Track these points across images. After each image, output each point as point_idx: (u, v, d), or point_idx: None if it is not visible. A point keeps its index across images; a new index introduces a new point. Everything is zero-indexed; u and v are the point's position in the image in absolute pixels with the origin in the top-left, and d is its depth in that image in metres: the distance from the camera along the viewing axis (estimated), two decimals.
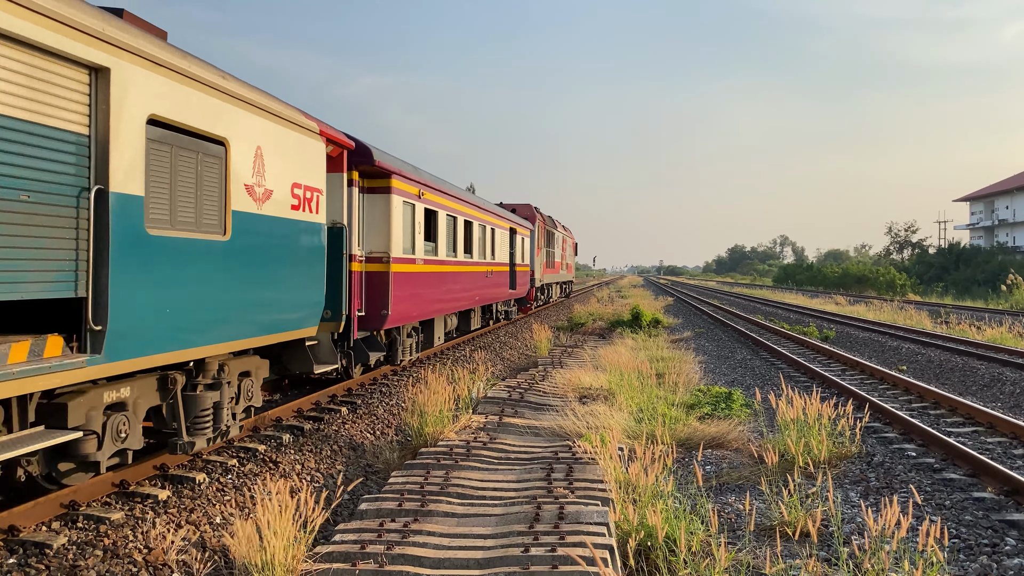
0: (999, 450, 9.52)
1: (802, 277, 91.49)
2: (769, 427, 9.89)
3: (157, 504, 6.59)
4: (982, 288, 54.26)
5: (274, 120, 8.09)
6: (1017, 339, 22.01)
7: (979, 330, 24.88)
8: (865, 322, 29.21)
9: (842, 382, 14.09)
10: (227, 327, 7.24)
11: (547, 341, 19.56)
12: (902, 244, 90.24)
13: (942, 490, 7.73)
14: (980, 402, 13.24)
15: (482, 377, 11.87)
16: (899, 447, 9.48)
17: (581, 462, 7.22)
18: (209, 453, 8.13)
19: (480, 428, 9.05)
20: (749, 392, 13.10)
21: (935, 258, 76.51)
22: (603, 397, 10.96)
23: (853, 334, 25.10)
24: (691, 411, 10.87)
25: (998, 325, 25.22)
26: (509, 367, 17.32)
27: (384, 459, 8.71)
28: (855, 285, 69.04)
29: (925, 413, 11.89)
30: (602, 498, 6.12)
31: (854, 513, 7.01)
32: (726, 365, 18.07)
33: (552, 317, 32.17)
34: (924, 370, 17.23)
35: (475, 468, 7.12)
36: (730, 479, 8.20)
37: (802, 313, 36.57)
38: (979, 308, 40.09)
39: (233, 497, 7.05)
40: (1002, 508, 7.16)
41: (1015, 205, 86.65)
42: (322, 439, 9.26)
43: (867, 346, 22.08)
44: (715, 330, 27.82)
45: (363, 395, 11.97)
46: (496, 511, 5.85)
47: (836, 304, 43.18)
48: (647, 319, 25.38)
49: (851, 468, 8.58)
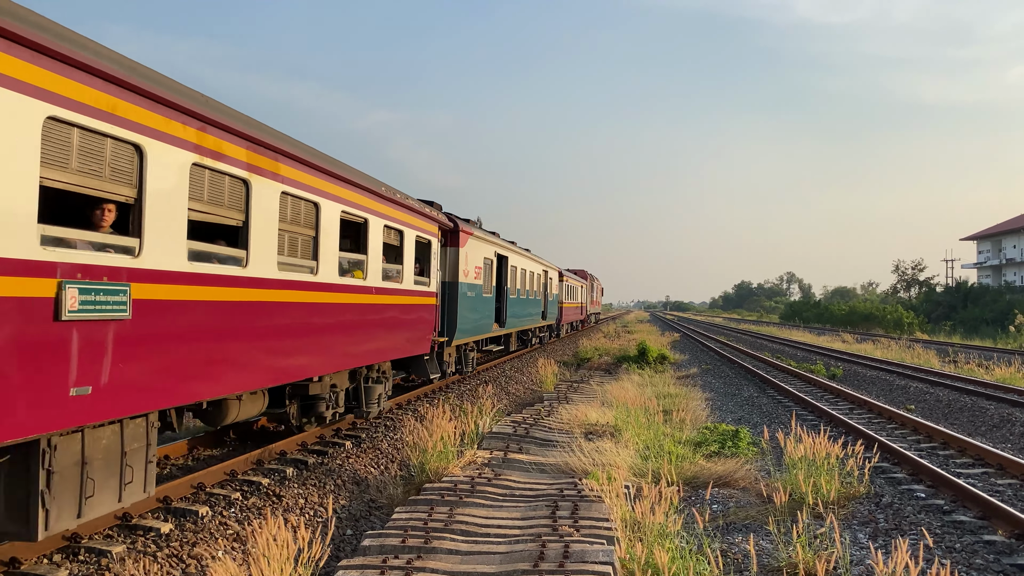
0: (1009, 492, 9.41)
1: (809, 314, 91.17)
2: (776, 466, 9.80)
3: (159, 537, 6.54)
4: (990, 327, 54.00)
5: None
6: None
7: (987, 370, 24.71)
8: (873, 360, 29.04)
9: (850, 421, 13.97)
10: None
11: (553, 376, 19.50)
12: (909, 282, 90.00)
13: (952, 532, 7.63)
14: (990, 443, 13.10)
15: (488, 412, 11.82)
16: (908, 488, 9.38)
17: (587, 500, 7.16)
18: (212, 486, 8.09)
19: (485, 464, 8.99)
20: (756, 430, 13.00)
21: (943, 296, 76.29)
22: (609, 433, 10.89)
23: (861, 372, 24.95)
24: (698, 449, 10.78)
25: (1007, 365, 25.04)
26: (515, 401, 17.25)
27: (388, 494, 8.64)
28: (862, 323, 68.80)
29: (934, 454, 11.77)
30: (608, 537, 6.06)
31: (863, 555, 6.92)
32: (733, 402, 17.95)
33: (558, 352, 32.09)
34: (932, 410, 17.09)
35: (479, 505, 7.07)
36: (737, 518, 8.11)
37: (809, 351, 36.40)
38: (987, 347, 39.84)
39: (236, 531, 7.00)
40: (1014, 552, 7.06)
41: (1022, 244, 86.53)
42: (326, 473, 9.21)
43: (875, 384, 21.93)
44: (722, 367, 27.69)
45: (367, 429, 11.92)
46: (500, 549, 5.79)
47: (843, 342, 42.98)
48: (653, 355, 25.29)
49: (859, 508, 8.48)
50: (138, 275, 5.80)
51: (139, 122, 5.83)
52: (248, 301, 7.49)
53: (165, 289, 6.14)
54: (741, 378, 23.58)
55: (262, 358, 7.91)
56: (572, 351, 32.27)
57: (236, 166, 7.25)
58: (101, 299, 5.36)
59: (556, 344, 37.29)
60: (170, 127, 6.22)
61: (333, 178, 9.61)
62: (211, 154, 6.82)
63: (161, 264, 6.09)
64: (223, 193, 7.15)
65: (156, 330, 6.09)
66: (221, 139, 6.98)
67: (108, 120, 5.52)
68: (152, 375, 6.07)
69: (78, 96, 5.22)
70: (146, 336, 5.95)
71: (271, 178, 7.92)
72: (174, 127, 6.28)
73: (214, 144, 6.88)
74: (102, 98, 5.45)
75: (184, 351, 6.51)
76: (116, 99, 5.59)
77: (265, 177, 7.78)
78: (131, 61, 5.84)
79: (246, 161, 7.44)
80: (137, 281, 5.78)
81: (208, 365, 6.91)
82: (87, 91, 5.31)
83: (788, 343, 43.51)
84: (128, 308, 5.63)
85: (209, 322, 6.86)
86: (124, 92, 5.68)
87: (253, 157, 7.57)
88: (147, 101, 5.93)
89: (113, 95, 5.57)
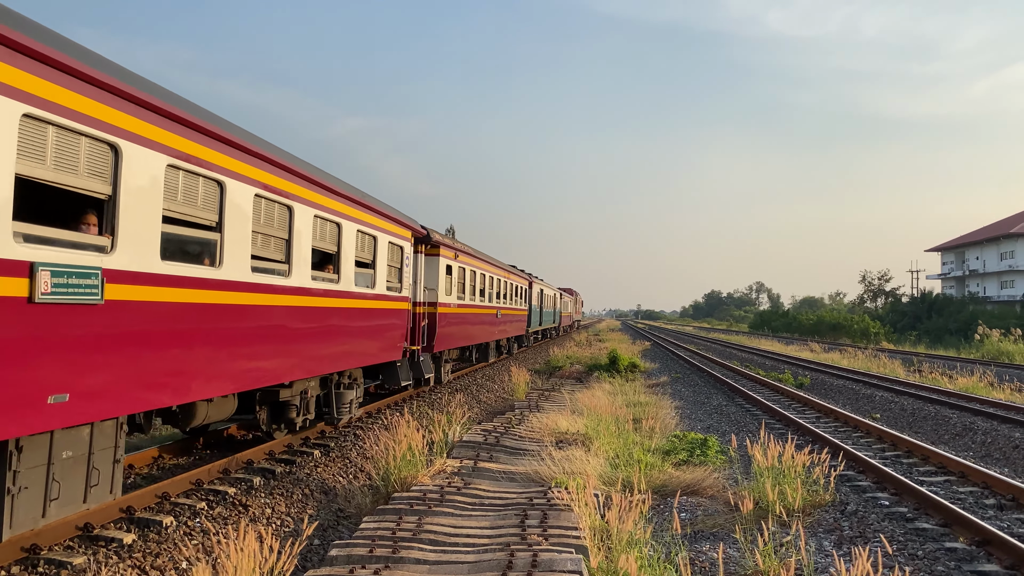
0: (971, 500, 9.58)
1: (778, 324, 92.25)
2: (744, 474, 9.88)
3: (122, 548, 6.43)
4: (954, 337, 54.99)
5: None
6: (988, 389, 22.27)
7: (951, 379, 25.16)
8: (840, 369, 29.44)
9: (817, 430, 14.14)
10: None
11: (524, 384, 19.51)
12: (876, 292, 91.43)
13: (915, 540, 7.75)
14: (952, 451, 13.34)
15: (458, 420, 11.79)
16: (872, 496, 9.51)
17: (556, 508, 7.16)
18: (178, 495, 7.97)
19: (455, 473, 8.97)
20: (725, 439, 13.11)
21: (908, 307, 77.56)
22: (580, 442, 10.91)
23: (828, 381, 25.27)
24: (667, 457, 10.85)
25: (970, 375, 25.52)
26: (486, 410, 17.22)
27: (356, 503, 8.58)
28: (830, 332, 69.73)
29: (898, 462, 11.94)
30: (576, 545, 6.06)
31: (827, 563, 7.00)
32: (702, 411, 18.08)
33: (530, 360, 32.11)
34: (897, 418, 17.35)
35: (448, 514, 7.04)
36: (705, 526, 8.17)
37: (777, 360, 36.79)
38: (951, 357, 40.57)
39: (200, 541, 6.91)
40: (974, 559, 7.18)
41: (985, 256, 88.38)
42: (294, 482, 9.12)
43: (841, 393, 22.22)
44: (691, 375, 27.89)
45: (336, 438, 11.83)
46: (469, 558, 5.78)
47: (811, 351, 43.52)
48: (624, 363, 25.42)
49: (825, 516, 8.58)
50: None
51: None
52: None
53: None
54: (710, 387, 23.76)
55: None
56: (544, 359, 32.32)
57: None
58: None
59: (528, 354, 37.34)
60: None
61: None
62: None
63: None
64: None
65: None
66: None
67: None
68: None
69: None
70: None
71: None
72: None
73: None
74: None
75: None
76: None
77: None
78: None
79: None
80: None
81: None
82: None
83: (757, 352, 43.94)
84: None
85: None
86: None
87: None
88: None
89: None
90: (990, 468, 11.72)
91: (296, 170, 9.15)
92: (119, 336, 5.92)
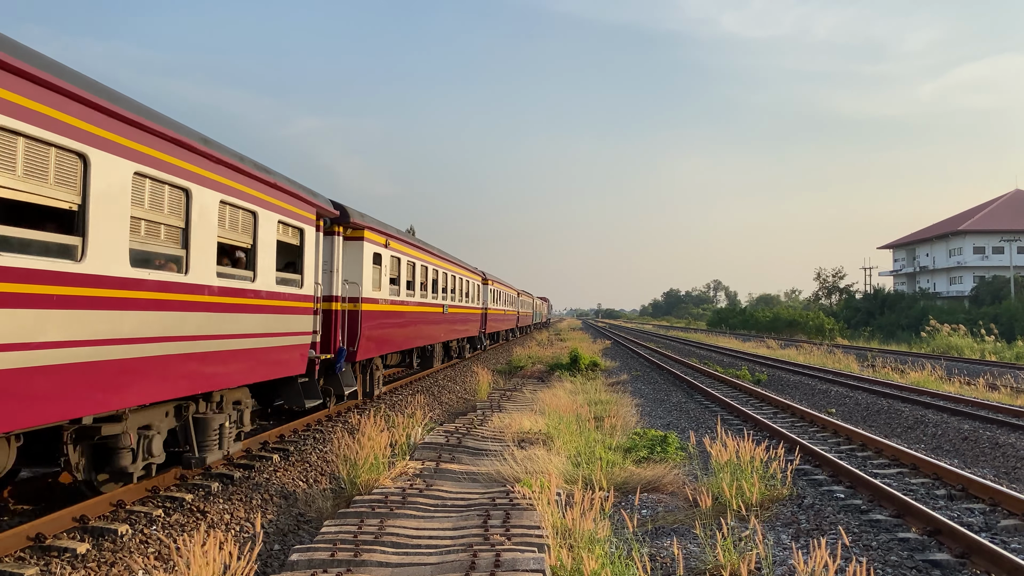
0: (922, 491, 9.82)
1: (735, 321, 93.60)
2: (703, 470, 10.01)
3: (75, 558, 6.29)
4: (906, 332, 56.37)
5: None
6: (938, 382, 22.89)
7: (903, 374, 25.81)
8: (796, 365, 29.98)
9: (774, 425, 14.38)
10: None
11: (487, 384, 19.51)
12: (830, 289, 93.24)
13: (869, 531, 7.92)
14: (904, 444, 13.66)
15: (420, 422, 11.75)
16: (828, 489, 9.70)
17: (519, 508, 7.18)
18: (133, 503, 7.81)
19: (417, 474, 8.93)
20: (684, 435, 13.26)
21: (862, 303, 79.27)
22: (542, 441, 10.95)
23: (784, 377, 25.71)
24: (628, 455, 10.94)
25: (920, 369, 26.18)
26: (448, 411, 17.18)
27: (317, 508, 8.50)
28: (786, 329, 70.97)
29: (853, 455, 12.20)
30: (539, 544, 6.09)
31: (785, 555, 7.12)
32: (662, 408, 18.27)
33: (492, 360, 32.11)
34: (852, 413, 17.73)
35: (411, 516, 7.02)
36: (666, 522, 8.26)
37: (735, 356, 37.32)
38: (903, 352, 41.58)
39: (158, 549, 6.78)
40: (926, 548, 7.37)
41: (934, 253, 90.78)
42: (253, 488, 9.01)
43: (798, 389, 22.62)
44: (651, 373, 28.16)
45: (296, 442, 11.70)
46: (431, 560, 5.76)
47: (768, 348, 44.24)
48: (585, 362, 25.56)
49: (783, 510, 8.73)
50: None
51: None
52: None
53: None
54: (670, 384, 24.01)
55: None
56: (506, 359, 32.36)
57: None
58: None
59: (490, 353, 37.34)
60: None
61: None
62: None
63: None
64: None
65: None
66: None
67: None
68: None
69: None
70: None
71: None
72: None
73: None
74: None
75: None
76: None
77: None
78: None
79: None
80: None
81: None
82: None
83: (716, 349, 44.53)
84: None
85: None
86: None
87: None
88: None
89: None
90: (941, 460, 12.04)
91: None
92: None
